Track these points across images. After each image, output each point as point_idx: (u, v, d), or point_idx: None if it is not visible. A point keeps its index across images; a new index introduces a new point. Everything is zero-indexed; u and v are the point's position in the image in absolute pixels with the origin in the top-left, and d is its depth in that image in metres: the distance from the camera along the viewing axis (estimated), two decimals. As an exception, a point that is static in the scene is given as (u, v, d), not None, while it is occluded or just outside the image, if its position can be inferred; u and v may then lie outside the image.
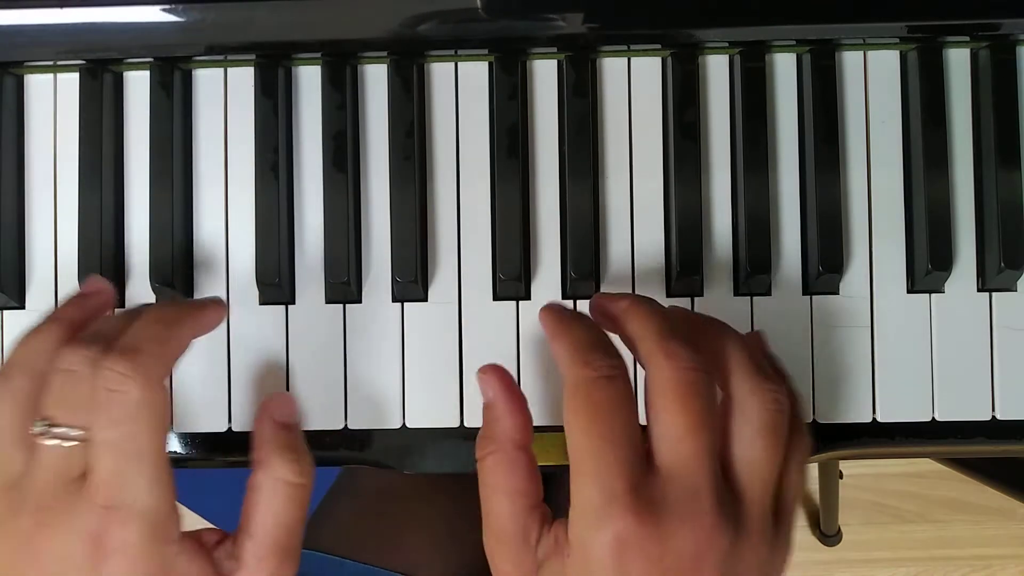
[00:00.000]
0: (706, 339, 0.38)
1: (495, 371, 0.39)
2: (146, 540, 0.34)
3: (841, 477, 1.28)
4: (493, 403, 0.38)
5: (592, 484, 0.34)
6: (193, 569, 0.36)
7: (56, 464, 0.34)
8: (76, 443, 0.34)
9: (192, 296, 0.45)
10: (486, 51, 0.45)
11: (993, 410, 0.45)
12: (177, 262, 0.44)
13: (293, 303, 0.45)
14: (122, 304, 0.45)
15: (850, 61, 0.45)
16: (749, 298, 0.45)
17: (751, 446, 0.35)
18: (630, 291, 0.45)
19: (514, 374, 0.44)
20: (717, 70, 0.45)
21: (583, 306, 0.45)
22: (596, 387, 0.35)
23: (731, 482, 0.35)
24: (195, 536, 0.37)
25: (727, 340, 0.37)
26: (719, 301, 0.45)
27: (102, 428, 0.34)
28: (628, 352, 0.38)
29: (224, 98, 0.46)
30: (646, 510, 0.33)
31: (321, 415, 0.45)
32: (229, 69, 0.46)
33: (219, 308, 0.40)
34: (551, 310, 0.40)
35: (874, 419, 0.45)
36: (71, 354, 0.35)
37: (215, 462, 0.45)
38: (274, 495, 0.37)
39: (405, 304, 0.45)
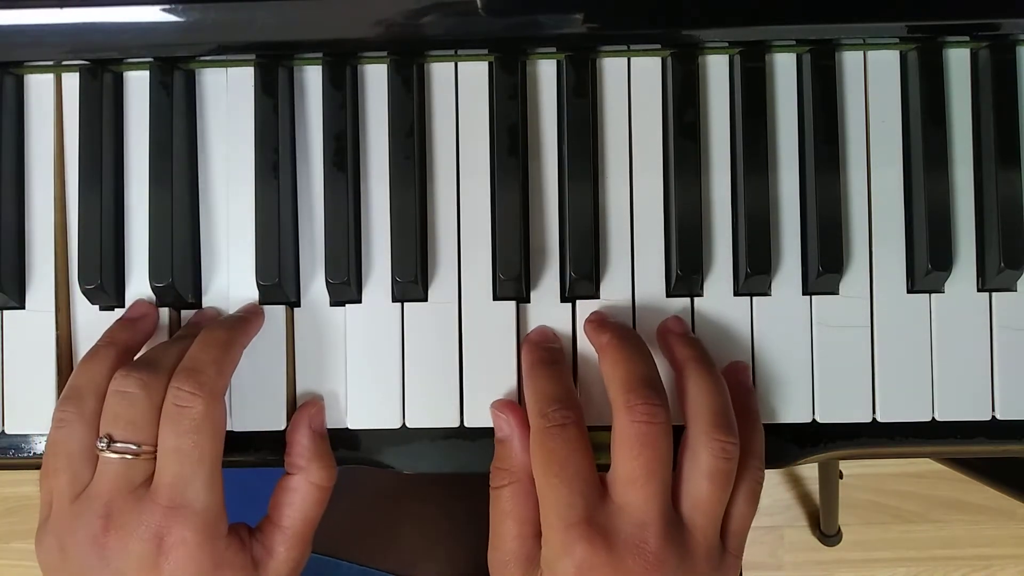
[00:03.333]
0: (681, 377, 0.42)
1: (512, 409, 0.43)
2: (202, 536, 0.38)
3: (841, 477, 1.28)
4: (510, 439, 0.42)
5: (552, 516, 0.38)
6: (237, 560, 0.40)
7: (119, 473, 0.39)
8: (133, 457, 0.39)
9: (191, 296, 0.45)
10: (486, 51, 0.45)
11: (993, 410, 0.45)
12: (177, 262, 0.44)
13: (293, 303, 0.45)
14: (121, 304, 0.45)
15: (850, 61, 0.45)
16: (749, 298, 0.45)
17: (698, 487, 0.39)
18: (629, 291, 0.45)
19: (513, 374, 0.45)
20: (717, 70, 0.45)
21: (582, 305, 0.45)
22: (549, 436, 0.39)
23: (680, 513, 0.39)
24: (234, 530, 0.41)
25: (696, 384, 0.41)
26: (719, 301, 0.45)
27: (170, 437, 0.39)
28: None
29: (224, 98, 0.46)
30: (600, 538, 0.37)
31: (321, 415, 0.45)
32: (229, 69, 0.46)
33: (259, 317, 0.45)
34: (528, 348, 0.44)
35: (874, 419, 0.45)
36: (125, 378, 0.40)
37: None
38: (307, 496, 0.43)
39: (405, 304, 0.45)
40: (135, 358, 0.42)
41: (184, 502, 0.38)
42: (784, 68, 0.45)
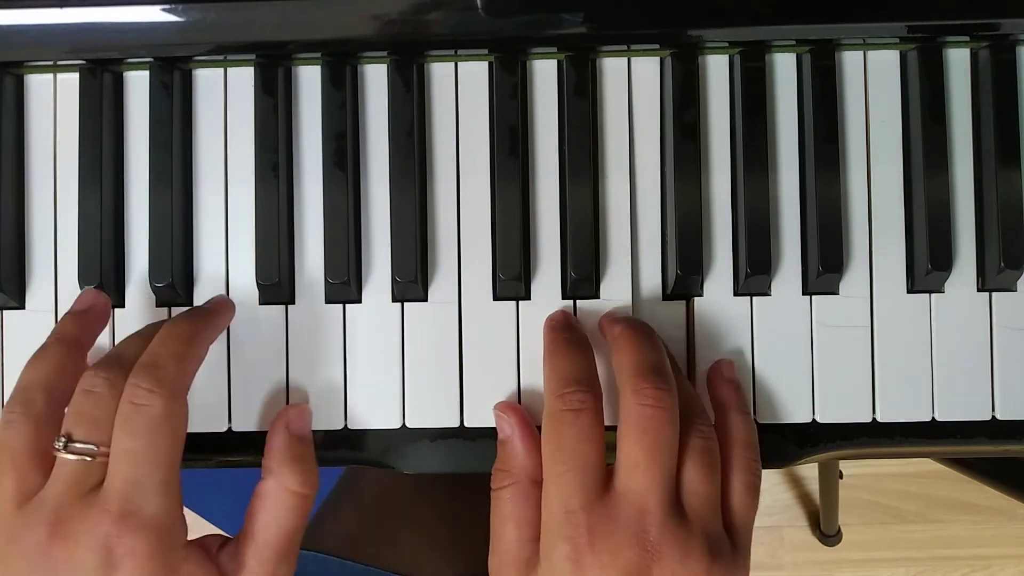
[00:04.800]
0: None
1: (513, 409, 0.42)
2: (154, 547, 0.36)
3: (841, 477, 1.28)
4: (511, 440, 0.42)
5: (554, 501, 0.38)
6: (198, 573, 0.38)
7: (72, 476, 0.36)
8: (92, 458, 0.36)
9: (191, 296, 0.45)
10: (486, 51, 0.45)
11: (993, 410, 0.45)
12: (177, 262, 0.44)
13: (293, 303, 0.45)
14: (121, 304, 0.45)
15: (850, 61, 0.45)
16: (749, 298, 0.45)
17: (685, 473, 0.39)
18: (629, 292, 0.45)
19: (513, 374, 0.45)
20: (717, 70, 0.45)
21: (582, 305, 0.45)
22: (563, 420, 0.38)
23: (681, 504, 0.38)
24: (199, 543, 0.39)
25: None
26: (719, 301, 0.45)
27: (124, 438, 0.36)
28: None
29: (224, 98, 0.46)
30: (598, 525, 0.37)
31: (321, 415, 0.45)
32: (229, 69, 0.46)
33: (228, 309, 0.43)
34: (551, 327, 0.43)
35: (874, 419, 0.45)
36: (92, 376, 0.37)
37: (214, 462, 0.45)
38: (279, 503, 0.40)
39: (405, 304, 0.45)
40: (107, 354, 0.40)
41: (135, 509, 0.36)
42: (784, 68, 0.45)
